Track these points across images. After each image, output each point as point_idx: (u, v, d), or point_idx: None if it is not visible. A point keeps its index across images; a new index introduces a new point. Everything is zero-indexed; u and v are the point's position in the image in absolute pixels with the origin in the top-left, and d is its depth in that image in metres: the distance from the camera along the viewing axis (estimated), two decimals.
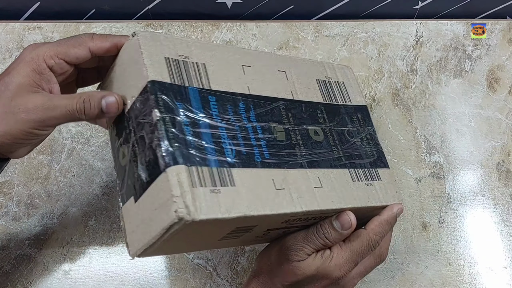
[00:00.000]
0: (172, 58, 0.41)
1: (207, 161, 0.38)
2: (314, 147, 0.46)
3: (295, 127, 0.46)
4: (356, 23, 0.70)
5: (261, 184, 0.40)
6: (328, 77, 0.52)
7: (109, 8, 0.70)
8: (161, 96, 0.38)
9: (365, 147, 0.49)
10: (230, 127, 0.41)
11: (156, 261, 0.54)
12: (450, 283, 0.55)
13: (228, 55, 0.45)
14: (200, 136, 0.39)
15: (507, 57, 0.68)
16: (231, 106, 0.42)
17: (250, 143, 0.41)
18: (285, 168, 0.42)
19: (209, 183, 0.37)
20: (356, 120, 0.51)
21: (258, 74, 0.46)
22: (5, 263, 0.53)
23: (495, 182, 0.60)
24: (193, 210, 0.35)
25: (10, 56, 0.64)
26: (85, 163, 0.58)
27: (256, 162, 0.41)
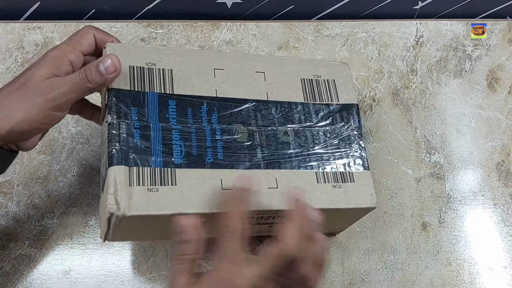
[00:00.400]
0: (137, 66, 0.45)
1: (151, 161, 0.41)
2: (279, 148, 0.47)
3: (262, 128, 0.47)
4: (356, 23, 0.70)
5: (205, 184, 0.42)
6: (317, 75, 0.52)
7: (109, 8, 0.70)
8: (115, 102, 0.42)
9: (343, 147, 0.49)
10: (185, 129, 0.44)
11: (156, 261, 0.54)
12: (450, 283, 0.55)
13: (200, 59, 0.47)
14: (148, 138, 0.42)
15: (507, 57, 0.68)
16: (191, 109, 0.45)
17: (204, 144, 0.44)
18: (239, 168, 0.44)
19: (147, 182, 0.41)
20: (339, 120, 0.50)
21: (231, 77, 0.48)
22: (5, 263, 0.53)
23: (495, 182, 0.60)
24: (124, 207, 0.39)
25: (10, 56, 0.64)
26: (85, 163, 0.58)
27: (206, 163, 0.43)
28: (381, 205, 0.58)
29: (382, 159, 0.61)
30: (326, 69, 0.52)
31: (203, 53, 0.48)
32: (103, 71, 0.42)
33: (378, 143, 0.61)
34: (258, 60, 0.50)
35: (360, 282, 0.54)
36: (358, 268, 0.55)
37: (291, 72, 0.51)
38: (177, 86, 0.45)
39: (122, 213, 0.39)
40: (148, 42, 0.65)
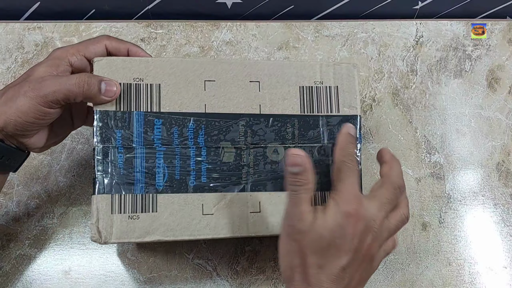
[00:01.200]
0: (125, 83, 0.44)
1: (133, 188, 0.43)
2: (267, 168, 0.46)
3: (251, 146, 0.46)
4: (356, 23, 0.70)
5: (186, 210, 0.43)
6: (318, 82, 0.48)
7: (109, 8, 0.70)
8: (100, 126, 0.43)
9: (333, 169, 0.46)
10: (169, 152, 0.44)
11: (156, 261, 0.54)
12: (450, 283, 0.55)
13: (191, 71, 0.46)
14: (131, 163, 0.43)
15: (507, 57, 0.68)
16: (177, 128, 0.45)
17: (188, 167, 0.44)
18: (222, 192, 0.45)
19: (129, 209, 0.43)
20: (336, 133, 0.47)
21: (222, 89, 0.46)
22: (5, 263, 0.53)
23: (495, 182, 0.60)
24: (105, 235, 0.42)
25: (10, 56, 0.64)
26: (85, 163, 0.58)
27: (189, 187, 0.44)
28: None
29: None
30: (329, 74, 0.49)
31: (195, 63, 0.46)
32: (103, 90, 0.43)
33: (378, 143, 0.61)
34: (255, 67, 0.47)
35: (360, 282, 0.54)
36: None
37: (290, 80, 0.48)
38: (164, 103, 0.45)
39: (104, 241, 0.42)
40: (148, 42, 0.65)
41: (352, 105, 0.48)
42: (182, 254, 0.55)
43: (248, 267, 0.54)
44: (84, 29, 0.66)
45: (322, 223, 0.38)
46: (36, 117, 0.42)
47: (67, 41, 0.65)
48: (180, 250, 0.55)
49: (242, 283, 0.54)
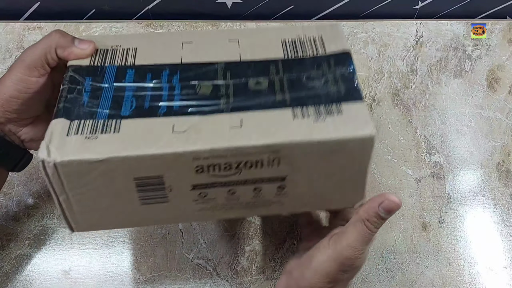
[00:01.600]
0: (102, 49, 0.43)
1: (94, 115, 0.38)
2: (248, 96, 0.40)
3: (230, 81, 0.41)
4: (356, 23, 0.70)
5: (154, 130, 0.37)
6: (301, 36, 0.45)
7: (109, 8, 0.70)
8: (71, 74, 0.41)
9: (328, 87, 0.41)
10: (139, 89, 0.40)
11: (156, 261, 0.54)
12: (451, 283, 0.55)
13: (169, 37, 0.45)
14: (97, 98, 0.39)
15: (507, 57, 0.68)
16: (151, 74, 0.41)
17: (159, 99, 0.40)
18: (195, 115, 0.38)
19: (86, 132, 0.37)
20: (325, 66, 0.42)
21: (199, 46, 0.44)
22: (5, 263, 0.53)
23: (495, 182, 0.60)
24: (55, 153, 0.35)
25: (10, 56, 0.64)
26: None
27: (158, 113, 0.39)
28: None
29: (382, 159, 0.61)
30: (313, 29, 0.46)
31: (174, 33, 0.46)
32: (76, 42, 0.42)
33: (378, 143, 0.61)
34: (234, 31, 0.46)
35: (360, 282, 0.54)
36: None
37: (271, 36, 0.45)
38: (139, 58, 0.43)
39: (53, 158, 0.35)
40: None
41: (339, 45, 0.44)
42: (182, 254, 0.55)
43: (248, 267, 0.54)
44: (84, 29, 0.66)
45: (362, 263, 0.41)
46: (19, 89, 0.41)
47: None
48: (180, 250, 0.55)
49: (242, 283, 0.54)
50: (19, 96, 0.41)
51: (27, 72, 0.41)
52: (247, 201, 0.41)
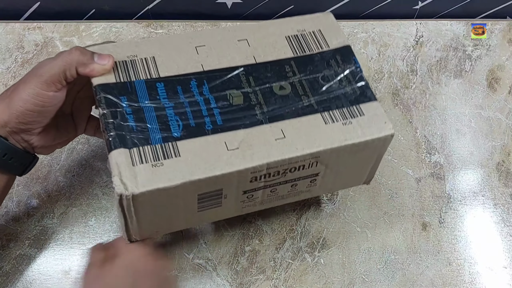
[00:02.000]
0: (119, 61, 0.45)
1: (150, 140, 0.41)
2: (278, 103, 0.45)
3: (256, 88, 0.45)
4: (356, 23, 0.70)
5: (210, 149, 0.41)
6: (301, 30, 0.50)
7: (109, 8, 0.70)
8: (104, 95, 0.42)
9: (344, 87, 0.47)
10: (178, 105, 0.43)
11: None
12: (451, 283, 0.55)
13: (179, 41, 0.47)
14: (143, 120, 0.42)
15: (507, 57, 0.68)
16: (181, 87, 0.44)
17: (200, 114, 0.43)
18: (241, 129, 0.43)
19: (150, 159, 0.40)
20: (333, 63, 0.48)
21: (214, 50, 0.47)
22: (5, 263, 0.53)
23: (495, 182, 0.60)
24: (131, 185, 0.38)
25: (10, 56, 0.64)
26: (85, 163, 0.58)
27: (207, 130, 0.42)
28: (381, 205, 0.58)
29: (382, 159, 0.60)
30: (309, 22, 0.51)
31: (181, 36, 0.48)
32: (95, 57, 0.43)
33: None
34: (238, 29, 0.49)
35: (360, 282, 0.54)
36: (358, 268, 0.55)
37: (274, 33, 0.49)
38: (162, 69, 0.45)
39: (131, 192, 0.38)
40: None
41: (339, 39, 0.50)
42: (182, 254, 0.55)
43: (248, 267, 0.54)
44: (84, 29, 0.66)
45: None
46: (36, 103, 0.42)
47: (67, 41, 0.65)
48: (180, 250, 0.55)
49: (242, 283, 0.54)
50: (35, 109, 0.42)
51: (44, 87, 0.41)
52: (284, 194, 0.47)
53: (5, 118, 0.42)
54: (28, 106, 0.41)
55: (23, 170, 0.46)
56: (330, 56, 0.48)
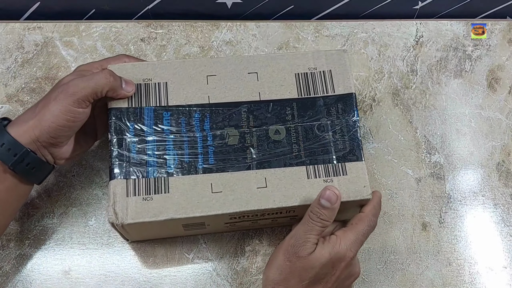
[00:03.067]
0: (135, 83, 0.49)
1: (146, 173, 0.46)
2: (270, 147, 0.48)
3: (253, 129, 0.49)
4: (356, 23, 0.70)
5: (196, 189, 0.46)
6: (312, 68, 0.52)
7: (109, 8, 0.70)
8: (114, 120, 0.47)
9: (336, 140, 0.49)
10: (177, 139, 0.47)
11: (156, 261, 0.54)
12: (451, 283, 0.55)
13: (193, 68, 0.50)
14: (144, 151, 0.46)
15: (507, 57, 0.68)
16: (184, 118, 0.48)
17: (195, 151, 0.47)
18: (229, 171, 0.47)
19: (142, 192, 0.45)
20: (334, 112, 0.50)
21: (223, 81, 0.50)
22: (5, 263, 0.53)
23: (495, 182, 0.60)
24: (122, 216, 0.44)
25: (10, 56, 0.64)
26: (85, 163, 0.58)
27: (197, 169, 0.47)
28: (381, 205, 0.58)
29: (382, 159, 0.61)
30: (322, 60, 0.52)
31: (195, 62, 0.51)
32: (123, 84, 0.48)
33: (378, 143, 0.61)
34: (251, 61, 0.51)
35: (360, 282, 0.54)
36: None
37: (285, 68, 0.51)
38: (171, 97, 0.49)
39: (121, 222, 0.44)
40: (148, 42, 0.65)
41: (346, 85, 0.51)
42: (182, 254, 0.55)
43: (248, 267, 0.54)
44: (84, 29, 0.66)
45: (318, 256, 0.44)
46: (68, 119, 0.44)
47: (67, 41, 0.65)
48: (180, 250, 0.55)
49: (242, 283, 0.54)
50: (66, 124, 0.45)
51: (76, 104, 0.44)
52: (265, 223, 0.53)
53: (36, 133, 0.44)
54: (60, 122, 0.44)
55: (42, 179, 0.48)
56: (333, 102, 0.50)
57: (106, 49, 0.65)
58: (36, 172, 0.46)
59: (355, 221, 0.47)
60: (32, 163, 0.45)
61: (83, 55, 0.64)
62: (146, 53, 0.65)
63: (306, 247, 0.44)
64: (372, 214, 0.47)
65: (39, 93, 0.62)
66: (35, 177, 0.47)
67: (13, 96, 0.61)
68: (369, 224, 0.47)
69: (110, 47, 0.65)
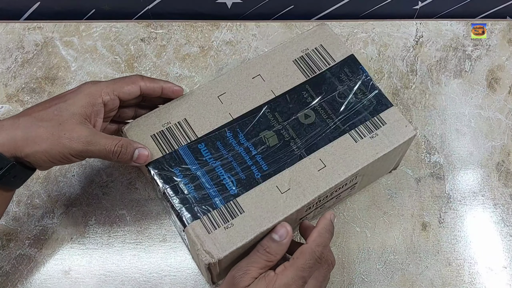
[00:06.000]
0: (157, 132, 0.49)
1: (214, 204, 0.45)
2: (308, 132, 0.49)
3: (285, 123, 0.49)
4: (356, 23, 0.70)
5: (266, 197, 0.46)
6: (304, 50, 0.53)
7: (109, 8, 0.70)
8: (158, 172, 0.47)
9: (361, 100, 0.51)
10: (224, 162, 0.47)
11: (156, 261, 0.54)
12: (450, 283, 0.55)
13: (202, 96, 0.51)
14: (201, 186, 0.46)
15: (507, 57, 0.68)
16: (220, 142, 0.48)
17: (246, 165, 0.47)
18: (286, 168, 0.47)
19: (221, 222, 0.44)
20: (344, 77, 0.52)
21: (235, 96, 0.51)
22: (5, 263, 0.53)
23: (495, 182, 0.60)
24: (215, 252, 0.43)
25: (10, 56, 0.64)
26: (85, 163, 0.58)
27: (257, 179, 0.47)
28: (381, 205, 0.58)
29: None
30: (308, 40, 0.54)
31: (202, 90, 0.51)
32: (135, 157, 0.45)
33: None
34: (249, 67, 0.52)
35: (360, 282, 0.54)
36: (358, 268, 0.55)
37: (282, 60, 0.52)
38: (197, 129, 0.49)
39: (217, 258, 0.43)
40: (148, 42, 0.65)
41: (342, 50, 0.53)
42: (182, 254, 0.55)
43: None
44: (84, 29, 0.66)
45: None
46: (62, 161, 0.43)
47: (67, 41, 0.65)
48: (181, 250, 0.55)
49: None
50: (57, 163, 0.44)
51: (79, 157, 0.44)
52: (330, 205, 0.54)
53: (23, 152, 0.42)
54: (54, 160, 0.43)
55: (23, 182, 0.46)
56: (339, 70, 0.52)
57: (106, 49, 0.65)
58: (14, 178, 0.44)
59: (296, 255, 0.43)
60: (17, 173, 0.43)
61: (83, 55, 0.65)
62: (146, 53, 0.65)
63: (244, 280, 0.42)
64: (317, 244, 0.43)
65: (39, 93, 0.62)
66: (14, 183, 0.45)
67: (13, 96, 0.61)
68: (312, 257, 0.42)
69: (110, 47, 0.65)
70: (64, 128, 0.42)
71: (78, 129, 0.43)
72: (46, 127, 0.42)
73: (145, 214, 0.56)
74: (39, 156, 0.42)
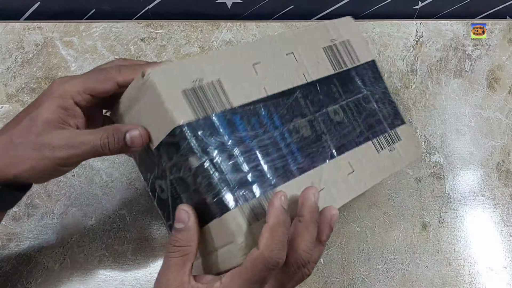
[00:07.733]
0: (188, 88, 0.39)
1: (253, 192, 0.38)
2: (337, 129, 0.46)
3: (316, 114, 0.46)
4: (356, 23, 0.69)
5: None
6: (333, 40, 0.49)
7: (109, 8, 0.70)
8: (193, 139, 0.37)
9: (381, 109, 0.49)
10: (261, 144, 0.41)
11: (156, 261, 0.54)
12: (450, 283, 0.55)
13: (237, 58, 0.43)
14: (239, 167, 0.38)
15: (507, 57, 0.68)
16: (255, 118, 0.41)
17: (282, 153, 0.42)
18: (319, 165, 0.44)
19: (261, 215, 0.38)
20: (368, 81, 0.50)
21: (269, 68, 0.44)
22: (5, 263, 0.53)
23: (495, 182, 0.60)
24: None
25: (10, 56, 0.64)
26: (85, 163, 0.58)
27: (293, 171, 0.42)
28: (381, 205, 0.58)
29: None
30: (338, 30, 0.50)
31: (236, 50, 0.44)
32: (128, 141, 0.39)
33: None
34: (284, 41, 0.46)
35: (360, 282, 0.54)
36: (358, 268, 0.55)
37: (312, 44, 0.48)
38: (232, 97, 0.41)
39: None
40: (148, 42, 0.65)
41: (366, 52, 0.51)
42: None
43: None
44: (84, 29, 0.66)
45: None
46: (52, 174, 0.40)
47: (67, 41, 0.65)
48: None
49: None
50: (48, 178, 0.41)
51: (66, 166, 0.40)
52: None
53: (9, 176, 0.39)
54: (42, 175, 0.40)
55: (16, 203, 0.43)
56: (364, 72, 0.50)
57: (106, 49, 0.65)
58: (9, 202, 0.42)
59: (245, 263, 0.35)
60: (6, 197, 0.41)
61: (83, 55, 0.65)
62: (146, 53, 0.65)
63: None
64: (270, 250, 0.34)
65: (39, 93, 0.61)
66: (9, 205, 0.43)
67: (13, 96, 0.61)
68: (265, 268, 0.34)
69: (110, 47, 0.65)
70: (44, 139, 0.38)
71: (58, 135, 0.39)
72: (24, 144, 0.38)
73: (145, 214, 0.56)
74: (28, 175, 0.39)
